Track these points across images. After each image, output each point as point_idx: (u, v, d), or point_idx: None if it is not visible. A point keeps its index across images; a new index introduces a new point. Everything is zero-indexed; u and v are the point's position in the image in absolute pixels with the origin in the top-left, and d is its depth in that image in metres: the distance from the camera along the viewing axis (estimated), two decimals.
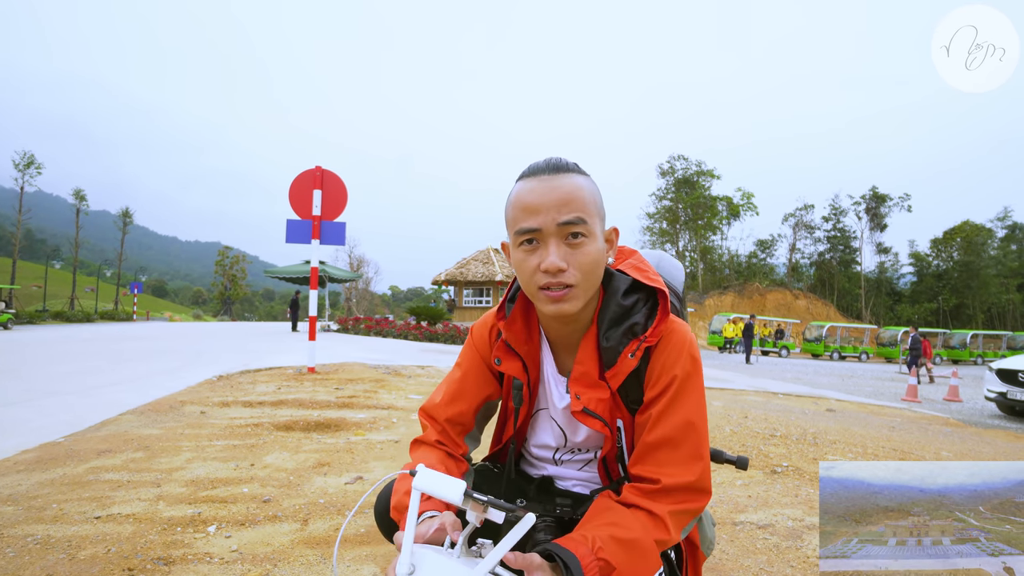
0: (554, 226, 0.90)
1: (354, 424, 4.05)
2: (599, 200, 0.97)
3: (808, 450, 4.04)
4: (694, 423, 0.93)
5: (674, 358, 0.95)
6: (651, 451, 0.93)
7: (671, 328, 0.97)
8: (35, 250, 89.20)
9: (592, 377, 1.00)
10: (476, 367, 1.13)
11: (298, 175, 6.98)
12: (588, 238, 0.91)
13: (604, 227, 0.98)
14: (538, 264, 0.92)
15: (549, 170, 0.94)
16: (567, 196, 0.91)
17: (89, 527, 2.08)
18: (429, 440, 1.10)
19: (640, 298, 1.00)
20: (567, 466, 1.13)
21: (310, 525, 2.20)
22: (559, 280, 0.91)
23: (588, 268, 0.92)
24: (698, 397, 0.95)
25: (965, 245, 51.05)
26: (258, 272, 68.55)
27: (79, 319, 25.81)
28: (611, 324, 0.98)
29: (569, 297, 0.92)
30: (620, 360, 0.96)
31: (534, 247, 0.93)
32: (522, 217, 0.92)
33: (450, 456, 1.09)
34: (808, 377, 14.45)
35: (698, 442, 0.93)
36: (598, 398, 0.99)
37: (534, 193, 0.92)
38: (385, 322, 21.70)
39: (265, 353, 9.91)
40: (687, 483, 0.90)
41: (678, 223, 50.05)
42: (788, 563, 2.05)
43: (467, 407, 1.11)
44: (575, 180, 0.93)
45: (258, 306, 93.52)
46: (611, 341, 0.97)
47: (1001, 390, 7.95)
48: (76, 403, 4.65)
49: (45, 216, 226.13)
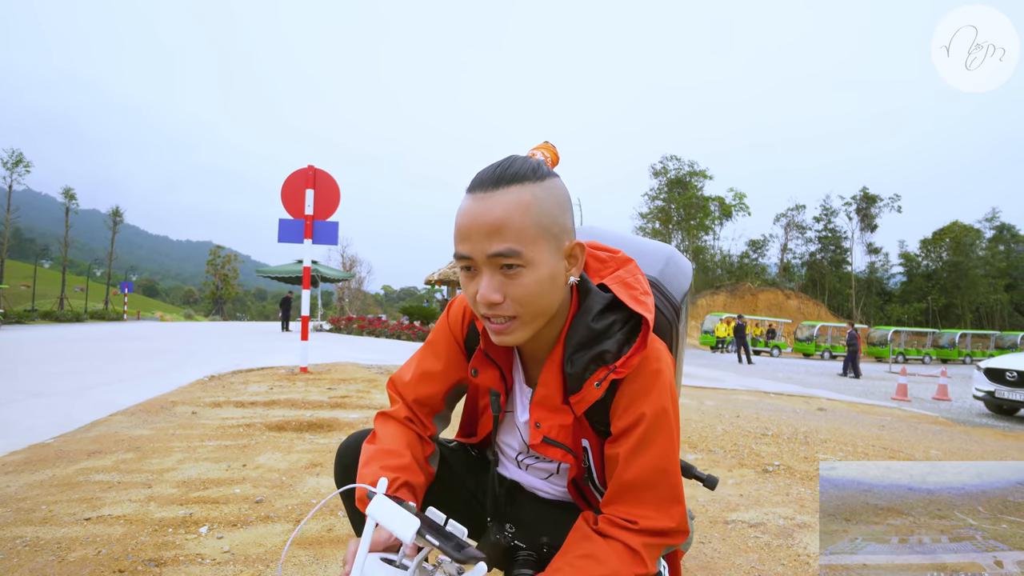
0: (484, 257, 0.81)
1: (347, 424, 4.04)
2: (551, 214, 0.84)
3: (799, 449, 4.07)
4: (667, 465, 0.87)
5: (643, 393, 0.87)
6: (625, 493, 0.87)
7: (647, 359, 0.88)
8: (24, 249, 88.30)
9: (555, 401, 0.93)
10: (449, 348, 1.07)
11: (290, 174, 6.96)
12: (526, 267, 0.81)
13: (562, 243, 0.86)
14: (475, 292, 0.84)
15: (488, 184, 0.82)
16: (497, 223, 0.80)
17: (79, 528, 2.06)
18: (398, 416, 1.06)
19: (617, 320, 0.89)
20: (531, 472, 1.09)
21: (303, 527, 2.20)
22: (496, 312, 0.84)
23: (526, 300, 0.83)
24: (668, 437, 0.87)
25: (954, 246, 51.56)
26: (250, 272, 68.17)
27: (68, 319, 25.55)
28: (577, 348, 0.89)
29: (512, 329, 0.86)
30: (585, 387, 0.88)
31: (472, 273, 0.86)
32: (456, 241, 0.84)
33: (419, 439, 1.05)
34: (799, 376, 14.55)
35: (672, 484, 0.88)
36: (560, 424, 0.93)
37: (466, 216, 0.83)
38: (378, 322, 21.65)
39: (257, 353, 9.86)
40: (666, 528, 0.86)
41: (671, 223, 50.21)
42: (779, 561, 2.07)
43: (438, 389, 1.07)
44: (515, 197, 0.81)
45: (250, 306, 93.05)
46: (575, 367, 0.88)
47: (989, 389, 8.04)
48: (66, 403, 4.61)
49: (34, 215, 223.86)
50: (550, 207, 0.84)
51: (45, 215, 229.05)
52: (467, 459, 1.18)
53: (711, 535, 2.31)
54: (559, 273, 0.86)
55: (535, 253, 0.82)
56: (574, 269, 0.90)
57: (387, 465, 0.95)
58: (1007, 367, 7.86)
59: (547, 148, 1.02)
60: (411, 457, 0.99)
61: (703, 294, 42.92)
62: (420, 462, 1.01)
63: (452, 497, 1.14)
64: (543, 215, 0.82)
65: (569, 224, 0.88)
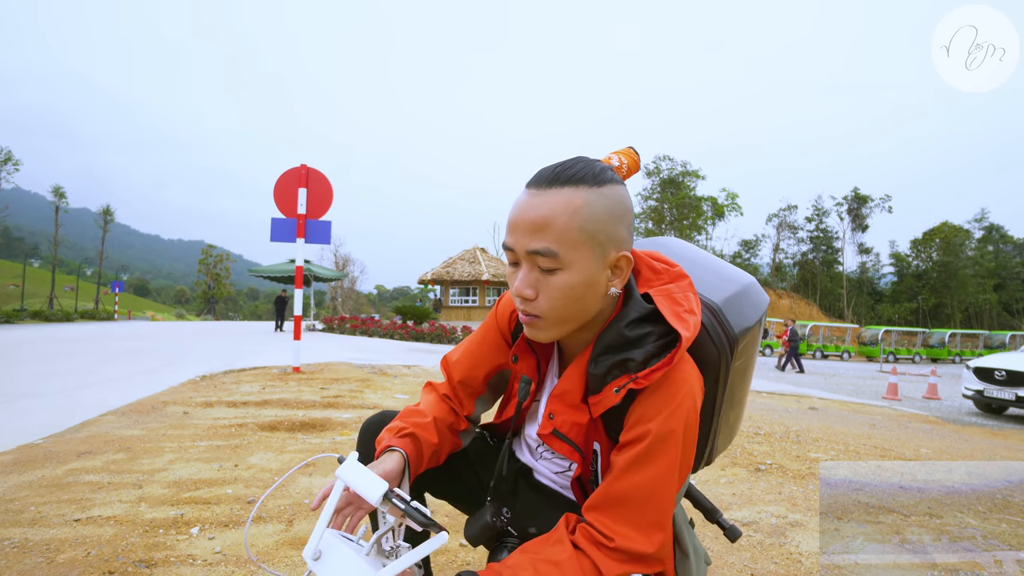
0: (524, 252, 0.83)
1: (339, 424, 4.03)
2: (601, 222, 0.83)
3: (791, 448, 4.09)
4: (659, 489, 0.83)
5: (655, 410, 0.84)
6: (610, 504, 0.84)
7: (670, 378, 0.85)
8: (13, 248, 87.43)
9: (574, 398, 0.94)
10: (493, 335, 1.11)
11: (283, 173, 6.93)
12: (563, 270, 0.82)
13: (608, 253, 0.85)
14: (514, 284, 0.87)
15: (544, 182, 0.83)
16: (542, 221, 0.81)
17: (68, 530, 2.05)
18: (440, 391, 1.13)
19: (653, 332, 0.86)
20: (544, 463, 1.09)
21: (295, 526, 2.19)
22: (527, 308, 0.86)
23: (556, 302, 0.84)
24: (669, 461, 0.84)
25: (944, 246, 52.03)
26: (242, 271, 67.80)
27: (58, 319, 25.32)
28: (605, 350, 0.88)
29: (538, 326, 0.87)
30: (604, 391, 0.87)
31: (516, 267, 0.87)
32: (507, 232, 0.86)
33: (452, 412, 1.10)
34: (791, 376, 14.64)
35: (661, 509, 0.84)
36: (573, 421, 0.94)
37: (517, 209, 0.84)
38: (371, 321, 21.59)
39: (249, 353, 9.81)
40: (642, 553, 0.82)
41: (664, 223, 50.37)
42: (772, 559, 2.08)
43: (479, 372, 1.11)
44: (565, 199, 0.81)
45: (242, 305, 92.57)
46: (599, 368, 0.88)
47: (978, 388, 8.11)
48: (55, 404, 4.57)
49: (23, 213, 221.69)
50: (600, 214, 0.83)
51: (34, 214, 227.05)
52: (484, 447, 1.20)
53: (704, 534, 2.31)
54: (598, 282, 0.86)
55: (575, 257, 0.82)
56: (617, 280, 0.88)
57: (404, 420, 1.02)
58: (996, 366, 7.94)
59: (627, 154, 1.00)
60: (432, 419, 1.05)
61: None
62: (441, 428, 1.06)
63: (459, 480, 1.16)
64: (590, 221, 0.82)
65: (621, 234, 0.86)
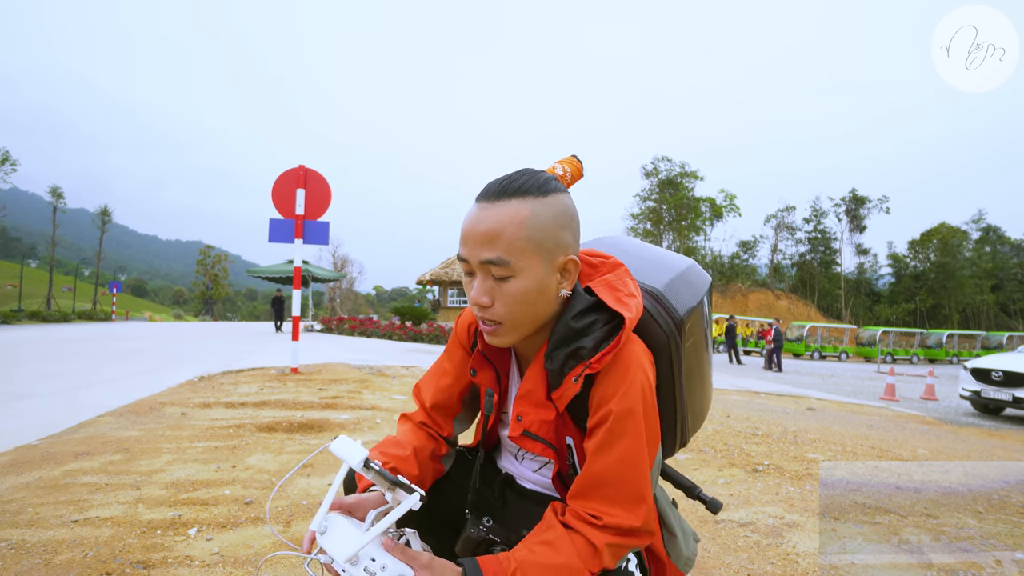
0: (477, 262, 0.88)
1: (338, 425, 4.03)
2: (548, 230, 0.88)
3: (789, 449, 4.09)
4: (631, 464, 0.88)
5: (612, 391, 0.89)
6: (591, 488, 0.89)
7: (621, 358, 0.90)
8: (10, 248, 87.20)
9: (538, 397, 0.97)
10: (458, 353, 1.15)
11: (281, 174, 6.93)
12: (515, 277, 0.87)
13: (556, 258, 0.90)
14: (471, 294, 0.91)
15: (492, 195, 0.88)
16: (492, 232, 0.86)
17: (66, 531, 2.04)
18: (414, 419, 1.15)
19: (599, 320, 0.93)
20: (526, 464, 1.12)
21: (293, 527, 2.19)
22: (485, 315, 0.91)
23: (511, 307, 0.89)
24: (635, 435, 0.88)
25: (941, 247, 52.18)
26: (240, 271, 67.68)
27: (56, 319, 25.26)
28: (557, 345, 0.93)
29: (499, 332, 0.92)
30: (564, 383, 0.92)
31: (472, 277, 0.91)
32: (460, 244, 0.91)
33: (431, 438, 1.12)
34: (789, 376, 14.65)
35: (638, 484, 0.88)
36: (542, 419, 0.97)
37: (468, 222, 0.89)
38: (369, 322, 21.58)
39: (247, 353, 9.80)
40: (630, 526, 0.87)
41: (662, 224, 50.44)
42: (769, 560, 2.08)
43: (451, 393, 1.14)
44: (512, 209, 0.86)
45: (240, 306, 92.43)
46: (555, 363, 0.92)
47: (975, 389, 8.13)
48: (52, 405, 4.56)
49: (20, 214, 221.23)
50: (547, 222, 0.88)
51: (32, 214, 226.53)
52: (462, 462, 1.20)
53: (701, 534, 2.32)
54: (549, 286, 0.91)
55: (525, 264, 0.87)
56: (566, 283, 0.94)
57: (384, 453, 1.04)
58: (993, 367, 7.96)
59: (570, 162, 1.05)
60: (412, 450, 1.06)
61: None
62: (422, 458, 1.08)
63: (440, 499, 1.16)
64: (538, 229, 0.87)
65: (566, 240, 0.91)
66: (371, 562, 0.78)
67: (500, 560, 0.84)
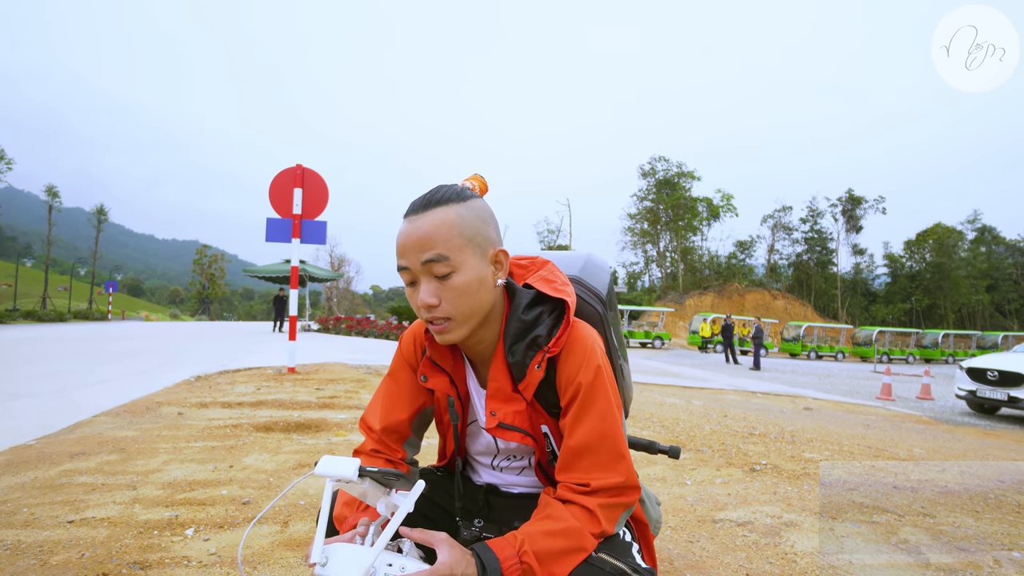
0: (419, 265, 0.94)
1: (335, 425, 4.02)
2: (475, 227, 0.97)
3: (786, 448, 4.10)
4: (608, 426, 0.96)
5: (576, 366, 0.98)
6: (574, 459, 0.96)
7: (574, 336, 1.00)
8: (5, 248, 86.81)
9: (507, 391, 1.03)
10: (407, 376, 1.16)
11: (278, 173, 6.91)
12: (456, 271, 0.94)
13: (487, 251, 0.98)
14: (417, 301, 0.96)
15: (418, 209, 0.96)
16: (426, 235, 0.93)
17: (62, 531, 2.03)
18: (365, 450, 1.14)
19: (545, 310, 1.02)
20: (507, 472, 1.16)
21: (290, 527, 2.18)
22: (434, 315, 0.96)
23: (457, 301, 0.95)
24: (605, 400, 0.97)
25: (937, 247, 52.35)
26: (237, 271, 67.48)
27: (51, 319, 25.15)
28: (515, 339, 1.00)
29: (450, 328, 0.97)
30: (528, 372, 0.99)
31: (415, 286, 0.97)
32: (397, 258, 0.97)
33: (387, 462, 1.13)
34: (786, 376, 14.69)
35: (615, 443, 0.96)
36: (514, 411, 1.02)
37: (402, 235, 0.96)
38: (366, 322, 21.54)
39: (244, 353, 9.78)
40: (616, 484, 0.94)
41: (659, 224, 50.50)
42: (767, 560, 2.08)
43: (401, 416, 1.14)
44: (440, 215, 0.94)
45: (237, 305, 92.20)
46: (516, 356, 1.00)
47: (971, 388, 8.16)
48: (48, 405, 4.54)
49: (15, 213, 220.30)
50: (472, 221, 0.97)
51: (27, 213, 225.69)
52: (434, 480, 1.20)
53: (699, 534, 2.32)
54: (486, 276, 0.98)
55: (462, 259, 0.94)
56: (500, 272, 1.02)
57: None
58: (988, 367, 7.99)
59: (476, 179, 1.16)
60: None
61: (691, 294, 43.23)
62: None
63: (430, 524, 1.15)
64: (466, 228, 0.96)
65: (493, 236, 1.01)
66: (388, 567, 0.78)
67: (507, 536, 0.88)
